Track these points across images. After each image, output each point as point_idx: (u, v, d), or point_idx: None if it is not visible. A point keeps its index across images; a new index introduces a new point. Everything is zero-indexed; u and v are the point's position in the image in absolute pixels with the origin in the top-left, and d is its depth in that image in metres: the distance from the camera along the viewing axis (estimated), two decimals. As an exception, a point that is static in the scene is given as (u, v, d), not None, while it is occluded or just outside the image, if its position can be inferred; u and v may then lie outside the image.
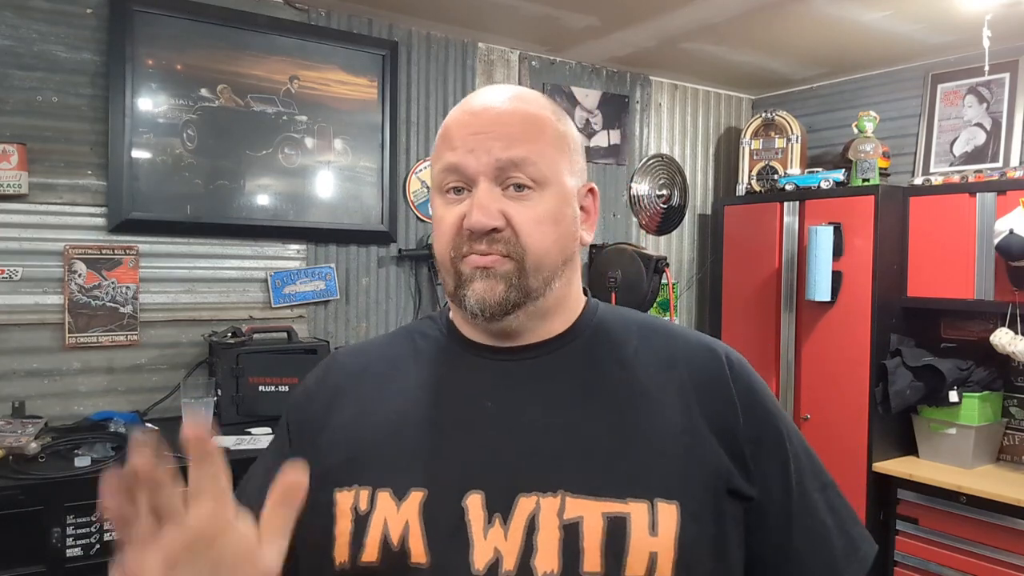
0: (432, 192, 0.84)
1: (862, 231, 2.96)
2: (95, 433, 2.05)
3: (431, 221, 2.97)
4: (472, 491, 0.74)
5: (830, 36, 2.95)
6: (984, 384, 2.83)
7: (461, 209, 0.78)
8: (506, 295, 0.77)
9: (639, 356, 0.83)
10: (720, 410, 0.79)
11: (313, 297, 2.75)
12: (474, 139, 0.78)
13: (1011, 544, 2.50)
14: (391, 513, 0.74)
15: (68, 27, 2.32)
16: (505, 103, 0.81)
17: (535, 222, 0.78)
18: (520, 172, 0.77)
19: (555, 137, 0.81)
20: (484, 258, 0.77)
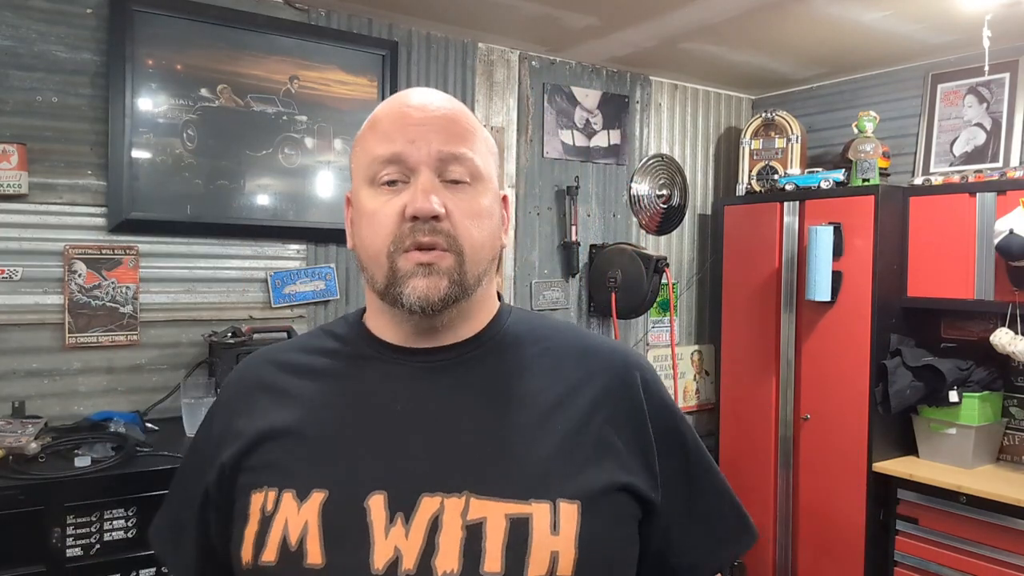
0: (358, 186, 0.83)
1: (862, 231, 2.96)
2: (95, 433, 2.04)
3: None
4: (375, 492, 0.74)
5: (830, 36, 2.95)
6: (984, 384, 2.84)
7: (400, 200, 0.78)
8: (448, 291, 0.77)
9: (550, 360, 0.84)
10: (629, 417, 0.82)
11: (313, 297, 2.75)
12: (415, 130, 0.79)
13: (1011, 544, 2.50)
14: (292, 514, 0.75)
15: (68, 27, 2.32)
16: (442, 102, 0.83)
17: (473, 215, 0.79)
18: (460, 166, 0.79)
19: (485, 140, 0.85)
20: (427, 254, 0.77)
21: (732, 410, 3.50)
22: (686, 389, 3.75)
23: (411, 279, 0.77)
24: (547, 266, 3.36)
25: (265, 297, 2.67)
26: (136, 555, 1.83)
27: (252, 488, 0.79)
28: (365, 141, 0.83)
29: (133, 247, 2.43)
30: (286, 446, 0.79)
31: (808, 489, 3.14)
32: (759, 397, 3.34)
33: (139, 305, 2.44)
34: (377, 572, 0.71)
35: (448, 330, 0.82)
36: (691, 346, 3.82)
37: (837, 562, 3.00)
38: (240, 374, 0.90)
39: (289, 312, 2.71)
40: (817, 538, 3.11)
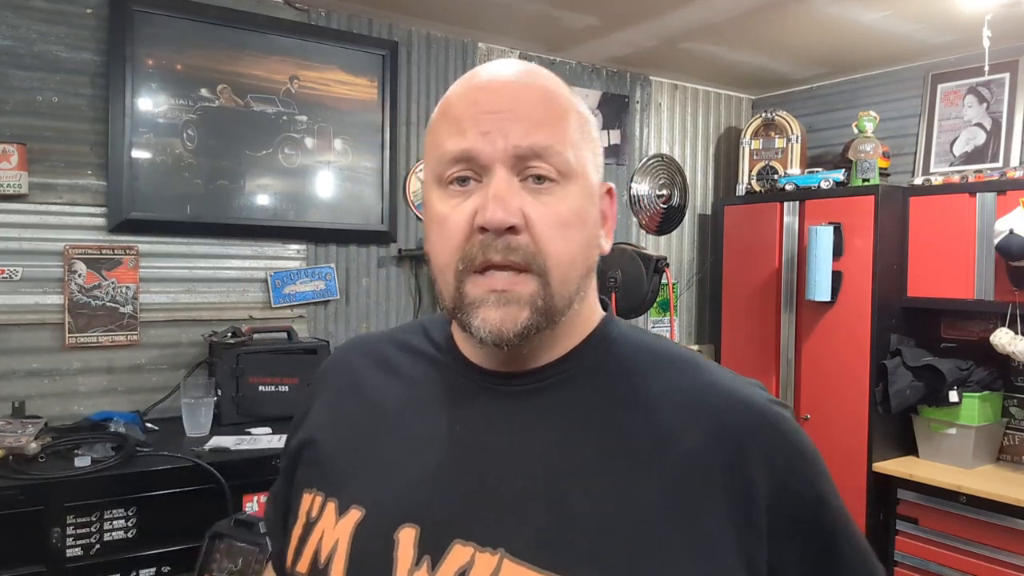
0: (427, 185, 0.69)
1: (862, 231, 2.96)
2: (95, 433, 2.04)
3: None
4: (408, 523, 0.65)
5: (830, 36, 2.95)
6: (984, 384, 2.83)
7: (471, 205, 0.64)
8: (529, 323, 0.64)
9: (653, 399, 0.67)
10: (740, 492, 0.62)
11: (313, 297, 2.75)
12: (488, 119, 0.65)
13: (1011, 544, 2.50)
14: (329, 527, 0.69)
15: (68, 27, 2.32)
16: (522, 78, 0.68)
17: (559, 223, 0.65)
18: (544, 162, 0.64)
19: (579, 123, 0.69)
20: (502, 280, 0.64)
21: (732, 410, 3.49)
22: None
23: (481, 309, 0.64)
24: (547, 266, 3.35)
25: (265, 297, 2.67)
26: (136, 555, 1.83)
27: (304, 486, 0.74)
28: (435, 129, 0.69)
29: (133, 247, 2.43)
30: (341, 448, 0.74)
31: (808, 489, 3.14)
32: (759, 397, 3.33)
33: (139, 305, 2.44)
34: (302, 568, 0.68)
35: (531, 357, 0.69)
36: (691, 346, 3.82)
37: (837, 562, 3.00)
38: (337, 355, 0.85)
39: (289, 312, 2.71)
40: (817, 538, 3.10)
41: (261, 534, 1.50)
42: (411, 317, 2.95)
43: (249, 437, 2.16)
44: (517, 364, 0.69)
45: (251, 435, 2.18)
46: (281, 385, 2.38)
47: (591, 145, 0.70)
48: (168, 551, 1.85)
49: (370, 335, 0.85)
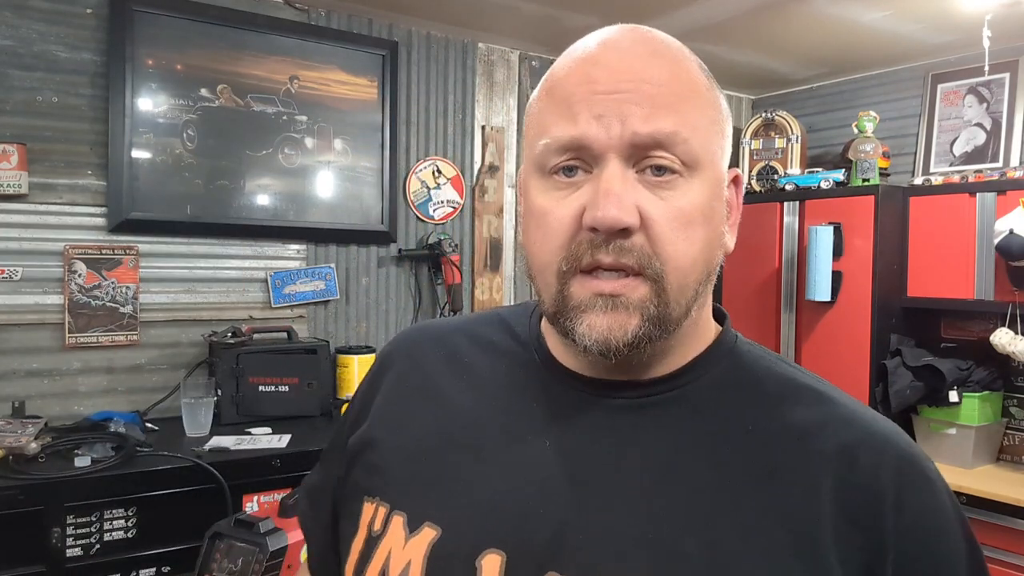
0: (527, 173, 0.62)
1: (862, 231, 2.96)
2: (95, 433, 2.04)
3: (431, 221, 3.00)
4: (492, 550, 0.57)
5: (830, 36, 2.95)
6: (984, 384, 2.84)
7: (579, 199, 0.57)
8: (640, 332, 0.56)
9: (772, 430, 0.59)
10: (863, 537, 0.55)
11: (313, 297, 2.75)
12: (603, 101, 0.56)
13: (1011, 544, 2.50)
14: (397, 545, 0.61)
15: (68, 27, 2.32)
16: (644, 48, 0.60)
17: (680, 222, 0.56)
18: (665, 151, 0.56)
19: (710, 103, 0.60)
20: (611, 283, 0.56)
21: (732, 410, 3.49)
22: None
23: (587, 313, 0.57)
24: (547, 266, 3.35)
25: (265, 297, 2.67)
26: (136, 555, 1.83)
27: (365, 494, 0.66)
28: (539, 110, 0.61)
29: (133, 247, 2.43)
30: (406, 454, 0.65)
31: (808, 489, 3.14)
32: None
33: (139, 305, 2.44)
34: None
35: (641, 367, 0.61)
36: (691, 346, 3.81)
37: (837, 562, 3.00)
38: (405, 340, 0.75)
39: (289, 312, 2.71)
40: (817, 538, 3.10)
41: (261, 534, 1.50)
42: (411, 317, 2.95)
43: (249, 437, 2.16)
44: (625, 374, 0.61)
45: (251, 435, 2.18)
46: (281, 385, 2.38)
47: (723, 132, 0.61)
48: (168, 551, 1.85)
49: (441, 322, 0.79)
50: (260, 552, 1.48)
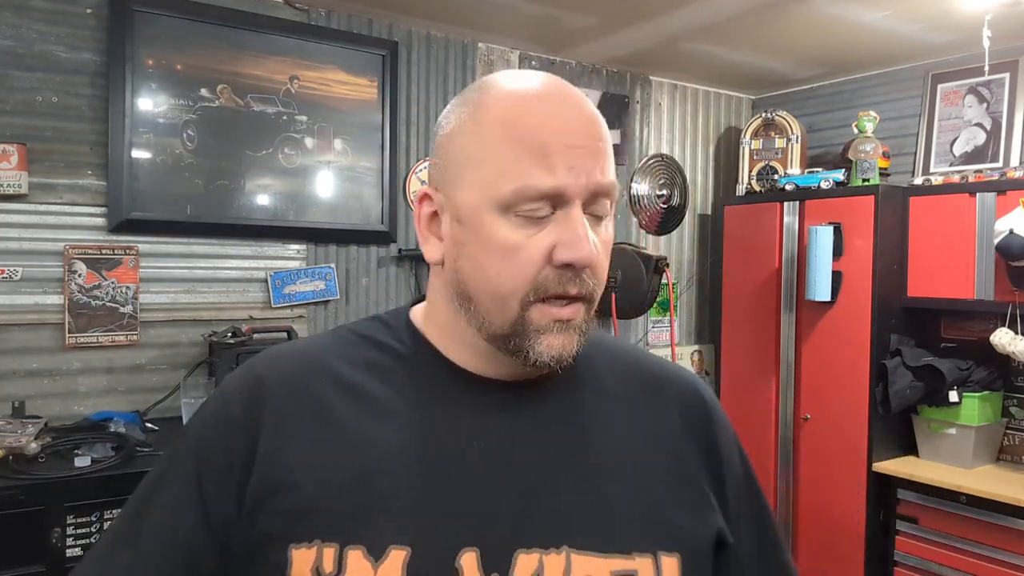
0: (482, 208, 0.65)
1: (862, 231, 2.96)
2: (95, 433, 2.04)
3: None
4: (466, 548, 0.62)
5: (830, 36, 2.95)
6: (984, 384, 2.84)
7: (548, 239, 0.64)
8: (580, 346, 0.67)
9: (628, 392, 0.75)
10: (708, 455, 0.75)
11: (313, 297, 2.75)
12: (573, 154, 0.63)
13: (1011, 544, 2.50)
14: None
15: (68, 27, 2.32)
16: (586, 105, 0.67)
17: (607, 252, 0.68)
18: (607, 198, 0.66)
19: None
20: (566, 310, 0.65)
21: (732, 410, 3.47)
22: (686, 389, 3.75)
23: (545, 335, 0.65)
24: (547, 266, 3.35)
25: (265, 297, 2.67)
26: (136, 555, 1.83)
27: (290, 542, 0.62)
28: (506, 153, 0.64)
29: (133, 247, 2.43)
30: (338, 485, 0.64)
31: (808, 489, 3.14)
32: (759, 397, 3.34)
33: (139, 305, 2.44)
34: None
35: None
36: (691, 346, 3.82)
37: (837, 562, 3.00)
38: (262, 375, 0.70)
39: (289, 312, 2.71)
40: (817, 538, 3.11)
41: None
42: (411, 317, 2.95)
43: (249, 437, 2.15)
44: (513, 374, 0.70)
45: (251, 435, 2.18)
46: (281, 385, 2.38)
47: None
48: (168, 551, 1.85)
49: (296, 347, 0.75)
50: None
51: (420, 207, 0.73)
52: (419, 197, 0.73)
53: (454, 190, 0.67)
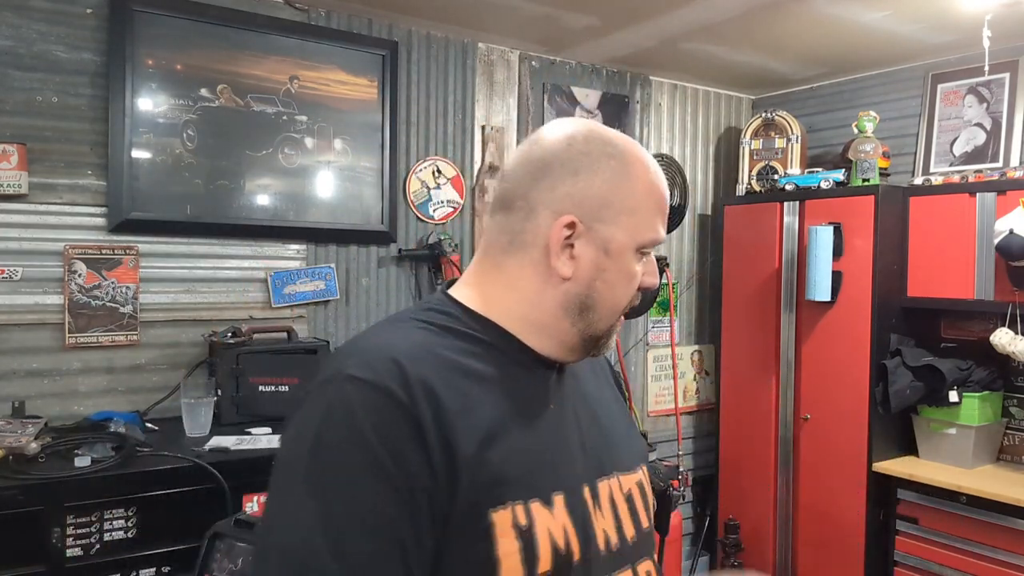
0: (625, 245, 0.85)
1: (862, 231, 2.96)
2: (95, 433, 2.04)
3: (431, 221, 3.00)
4: (584, 483, 0.85)
5: (830, 36, 2.95)
6: (984, 384, 2.83)
7: (639, 270, 0.87)
8: None
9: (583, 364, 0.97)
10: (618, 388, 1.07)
11: (313, 297, 2.75)
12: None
13: (1011, 544, 2.50)
14: (549, 520, 0.78)
15: (68, 27, 2.32)
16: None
17: None
18: None
19: None
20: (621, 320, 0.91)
21: (732, 410, 3.50)
22: (686, 389, 3.75)
23: (612, 336, 0.90)
24: (547, 266, 3.35)
25: (265, 297, 2.67)
26: (136, 555, 1.83)
27: (489, 507, 0.73)
28: (643, 209, 0.86)
29: (133, 247, 2.43)
30: (505, 459, 0.76)
31: (808, 489, 3.14)
32: (759, 397, 3.34)
33: (139, 305, 2.44)
34: (601, 552, 0.82)
35: None
36: (691, 346, 3.82)
37: (837, 562, 3.00)
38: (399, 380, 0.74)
39: (289, 312, 2.71)
40: (817, 538, 3.11)
41: (261, 534, 1.49)
42: (411, 317, 2.95)
43: (249, 437, 2.16)
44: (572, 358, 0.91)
45: (251, 435, 2.18)
46: (281, 385, 2.38)
47: None
48: (168, 551, 1.85)
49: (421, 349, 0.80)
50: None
51: (561, 230, 0.83)
52: (564, 223, 0.83)
53: (606, 227, 0.84)
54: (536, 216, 0.84)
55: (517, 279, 0.85)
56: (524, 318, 0.85)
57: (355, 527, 0.69)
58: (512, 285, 0.86)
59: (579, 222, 0.83)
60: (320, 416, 0.73)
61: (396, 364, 0.75)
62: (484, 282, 0.87)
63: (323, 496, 0.70)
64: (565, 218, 0.82)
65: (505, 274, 0.86)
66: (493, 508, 0.74)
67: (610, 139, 0.86)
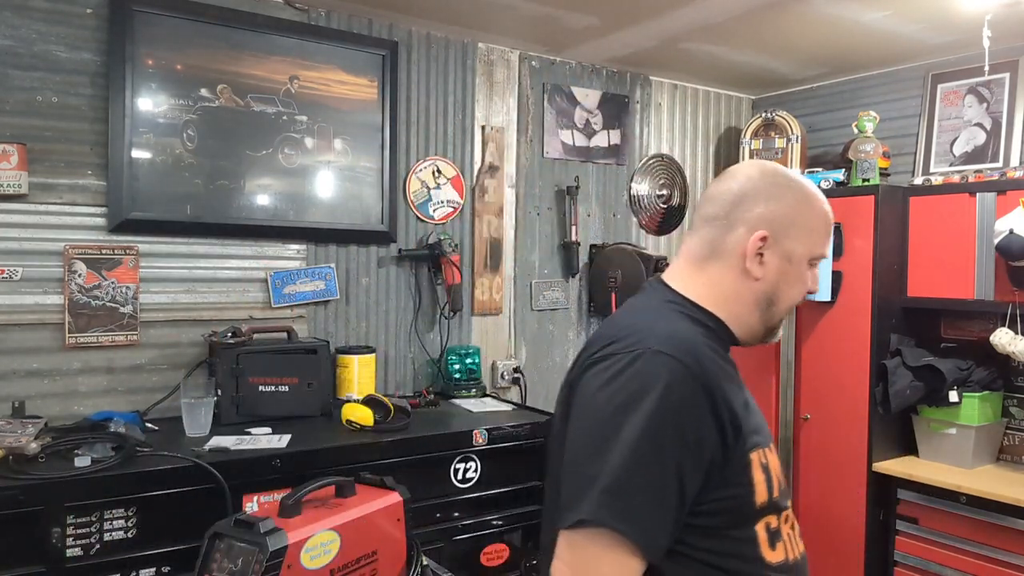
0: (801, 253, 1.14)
1: (862, 231, 2.96)
2: (95, 433, 2.04)
3: (431, 221, 3.00)
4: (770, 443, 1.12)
5: (830, 36, 2.95)
6: (984, 384, 2.83)
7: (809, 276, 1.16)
8: None
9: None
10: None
11: (313, 297, 2.75)
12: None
13: (1011, 544, 2.50)
14: (774, 461, 1.10)
15: (68, 27, 2.32)
16: None
17: None
18: None
19: None
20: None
21: (732, 410, 3.49)
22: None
23: (781, 328, 1.21)
24: (547, 266, 3.36)
25: (265, 297, 2.67)
26: (136, 555, 1.82)
27: (750, 449, 1.05)
28: (818, 231, 1.15)
29: (133, 247, 2.43)
30: (750, 415, 1.08)
31: (808, 489, 3.14)
32: (759, 397, 3.29)
33: (139, 305, 2.44)
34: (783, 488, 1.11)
35: None
36: (691, 346, 3.81)
37: (837, 562, 3.00)
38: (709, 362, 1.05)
39: (289, 312, 2.71)
40: (817, 538, 3.10)
41: (261, 534, 1.49)
42: (411, 317, 2.96)
43: (249, 437, 2.16)
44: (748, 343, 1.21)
45: (251, 435, 2.18)
46: (281, 385, 2.38)
47: None
48: (168, 551, 1.85)
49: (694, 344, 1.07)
50: (260, 552, 1.48)
51: (756, 242, 1.11)
52: (759, 236, 1.11)
53: (792, 242, 1.13)
54: (735, 231, 1.12)
55: (719, 280, 1.14)
56: (728, 310, 1.14)
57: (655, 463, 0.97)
58: (716, 284, 1.14)
59: (770, 236, 1.11)
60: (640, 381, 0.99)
61: (686, 344, 1.04)
62: (695, 282, 1.15)
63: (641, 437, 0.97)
64: (760, 232, 1.11)
65: (708, 276, 1.15)
66: (751, 451, 1.05)
67: (793, 175, 1.15)
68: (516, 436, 2.41)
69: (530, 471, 2.45)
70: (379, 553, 1.72)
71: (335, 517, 1.64)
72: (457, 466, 2.31)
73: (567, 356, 3.41)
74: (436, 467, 2.28)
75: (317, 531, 1.58)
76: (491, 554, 2.36)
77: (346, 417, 2.29)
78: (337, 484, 1.75)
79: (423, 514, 2.17)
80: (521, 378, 3.23)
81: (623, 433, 0.97)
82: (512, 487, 2.41)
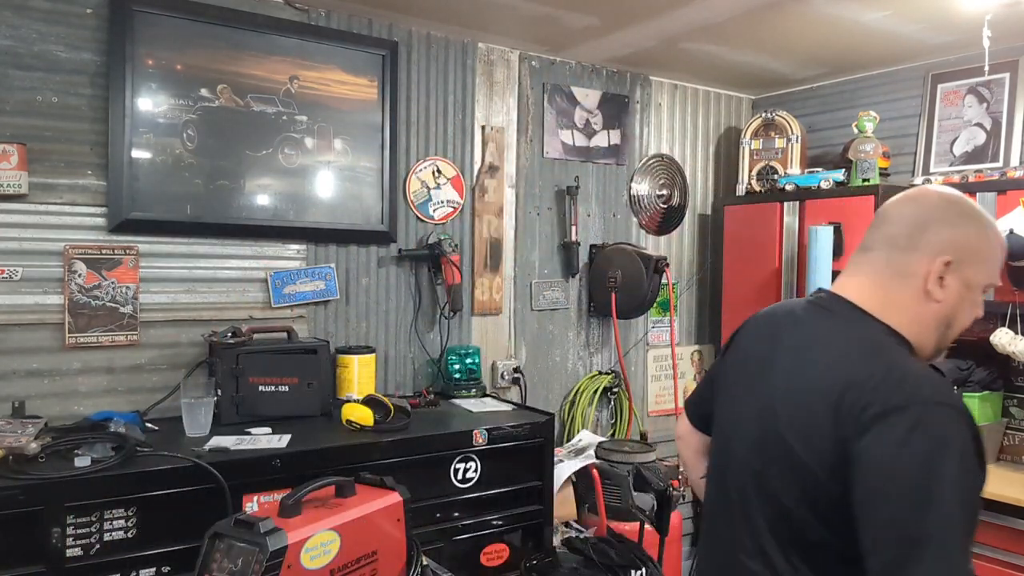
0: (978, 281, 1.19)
1: (862, 231, 2.93)
2: (95, 433, 2.04)
3: (431, 221, 3.00)
4: None
5: (830, 36, 2.95)
6: (984, 384, 2.83)
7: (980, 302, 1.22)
8: None
9: None
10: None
11: (313, 297, 2.75)
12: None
13: (1011, 544, 2.50)
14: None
15: (68, 27, 2.32)
16: None
17: None
18: None
19: None
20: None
21: (732, 410, 3.49)
22: (686, 389, 3.75)
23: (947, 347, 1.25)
24: (547, 266, 3.36)
25: (265, 297, 2.67)
26: (136, 555, 1.83)
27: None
28: (994, 260, 1.21)
29: (133, 247, 2.43)
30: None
31: (808, 489, 3.14)
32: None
33: (139, 305, 2.44)
34: None
35: None
36: (691, 346, 3.82)
37: (837, 562, 3.00)
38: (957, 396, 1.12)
39: (289, 312, 2.71)
40: (817, 538, 3.10)
41: (261, 534, 1.49)
42: (411, 317, 2.96)
43: (249, 437, 2.16)
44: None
45: (251, 435, 2.18)
46: (281, 385, 2.38)
47: None
48: (168, 551, 1.85)
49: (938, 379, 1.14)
50: (260, 552, 1.48)
51: (941, 266, 1.16)
52: (943, 261, 1.16)
53: (971, 269, 1.18)
54: (918, 254, 1.17)
55: (903, 302, 1.19)
56: (913, 332, 1.19)
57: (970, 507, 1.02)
58: (904, 308, 1.19)
59: (953, 261, 1.16)
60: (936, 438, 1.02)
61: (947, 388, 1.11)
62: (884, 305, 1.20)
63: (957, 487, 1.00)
64: (944, 257, 1.16)
65: (893, 298, 1.20)
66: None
67: (975, 205, 1.21)
68: (516, 436, 2.41)
69: (530, 471, 2.45)
70: (379, 553, 1.72)
71: (335, 517, 1.64)
72: (457, 466, 2.32)
73: (567, 356, 3.41)
74: (436, 467, 2.28)
75: (317, 531, 1.58)
76: (491, 554, 2.36)
77: (346, 417, 2.29)
78: (337, 484, 1.75)
79: (423, 514, 2.17)
80: (521, 378, 3.23)
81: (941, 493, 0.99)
82: (512, 487, 2.42)
